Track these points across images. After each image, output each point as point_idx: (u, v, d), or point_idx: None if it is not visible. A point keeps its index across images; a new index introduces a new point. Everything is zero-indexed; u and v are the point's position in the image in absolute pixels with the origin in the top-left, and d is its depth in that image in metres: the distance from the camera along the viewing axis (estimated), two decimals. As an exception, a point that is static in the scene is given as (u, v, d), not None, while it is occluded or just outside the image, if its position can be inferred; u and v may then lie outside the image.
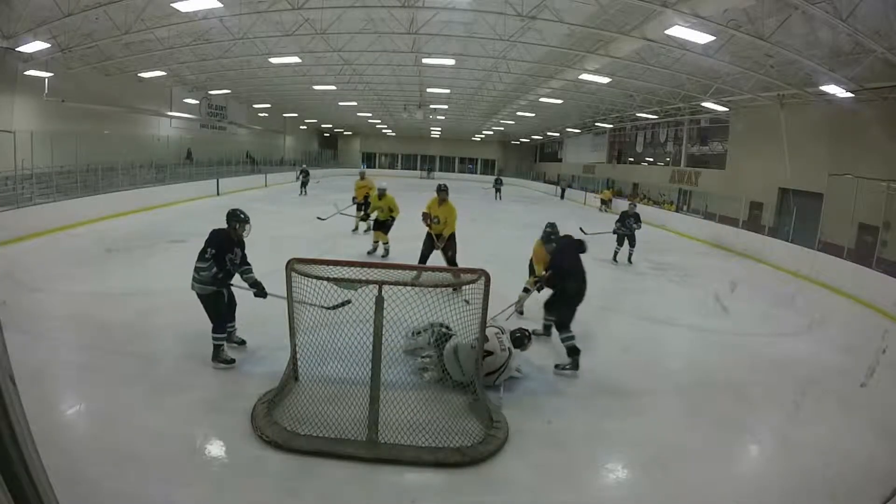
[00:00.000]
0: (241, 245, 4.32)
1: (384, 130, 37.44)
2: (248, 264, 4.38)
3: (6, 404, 0.90)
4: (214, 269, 4.09)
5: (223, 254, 4.12)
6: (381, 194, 8.62)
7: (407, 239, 7.99)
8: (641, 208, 12.15)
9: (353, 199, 10.76)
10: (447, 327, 3.97)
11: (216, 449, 3.18)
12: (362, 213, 10.27)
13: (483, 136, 37.66)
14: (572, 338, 4.44)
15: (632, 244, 9.71)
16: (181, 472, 2.86)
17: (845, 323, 7.19)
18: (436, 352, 4.05)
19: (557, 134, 32.03)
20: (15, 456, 0.92)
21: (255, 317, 5.30)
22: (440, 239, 6.76)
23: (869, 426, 3.87)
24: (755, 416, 4.02)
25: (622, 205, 14.17)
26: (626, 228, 9.59)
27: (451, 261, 6.78)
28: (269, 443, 3.11)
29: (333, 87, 19.80)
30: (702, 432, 3.67)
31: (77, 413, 3.48)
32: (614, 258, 9.76)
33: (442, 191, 6.87)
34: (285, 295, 3.57)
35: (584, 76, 14.35)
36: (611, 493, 3.05)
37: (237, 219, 4.23)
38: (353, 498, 2.78)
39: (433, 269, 3.45)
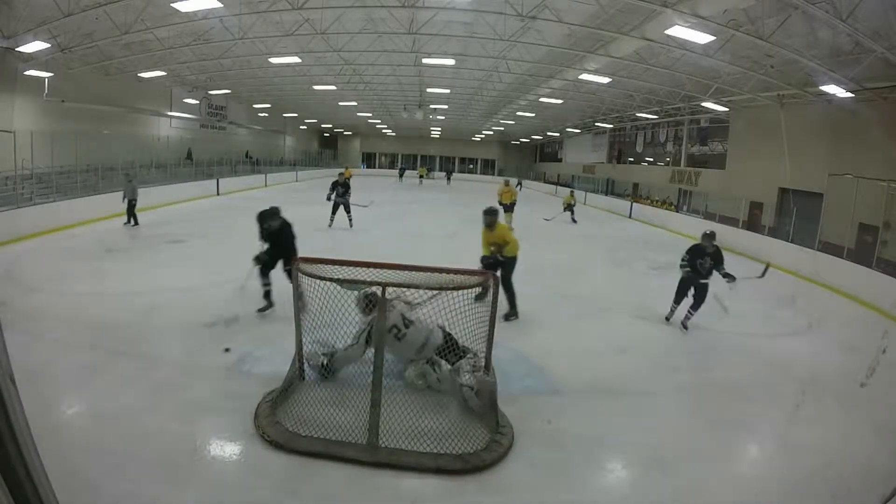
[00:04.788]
0: None
1: (384, 130, 37.44)
2: None
3: (6, 404, 0.90)
4: None
5: None
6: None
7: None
8: (641, 208, 11.86)
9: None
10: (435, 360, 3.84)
11: (216, 449, 3.17)
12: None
13: (483, 136, 37.65)
14: None
15: (698, 299, 5.81)
16: (181, 472, 2.86)
17: (845, 323, 7.18)
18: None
19: (557, 134, 32.02)
20: (15, 456, 0.92)
21: (253, 317, 5.32)
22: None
23: (869, 426, 3.87)
24: (755, 416, 4.02)
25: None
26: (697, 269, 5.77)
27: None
28: (271, 443, 3.11)
29: (333, 87, 19.80)
30: (702, 432, 3.67)
31: (77, 413, 3.48)
32: (669, 315, 6.08)
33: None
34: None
35: (584, 76, 14.34)
36: (611, 494, 3.05)
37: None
38: (354, 499, 2.78)
39: (439, 271, 3.42)
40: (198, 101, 21.63)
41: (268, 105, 25.47)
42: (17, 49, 11.25)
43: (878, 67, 9.39)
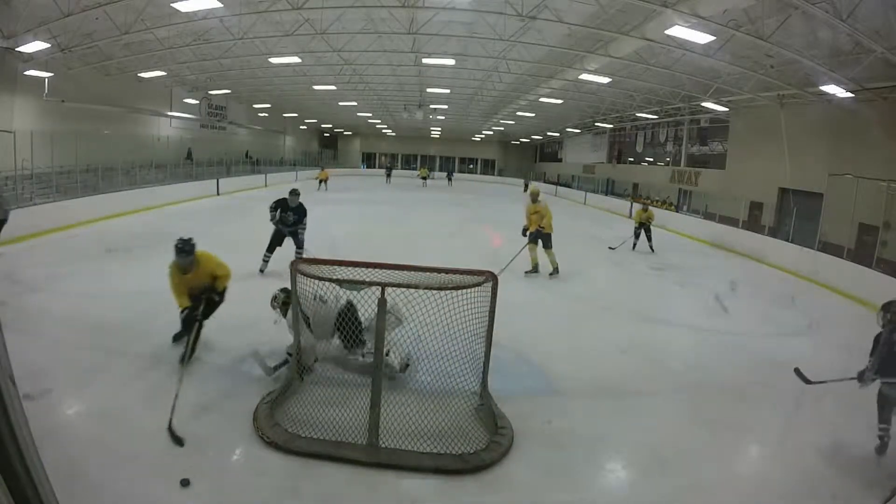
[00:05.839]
0: None
1: (384, 130, 37.43)
2: None
3: (6, 404, 0.90)
4: None
5: None
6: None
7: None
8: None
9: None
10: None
11: (216, 449, 3.17)
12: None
13: (483, 136, 37.65)
14: None
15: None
16: (181, 473, 2.86)
17: (845, 323, 7.17)
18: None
19: (557, 134, 32.01)
20: (15, 456, 0.92)
21: (252, 317, 5.31)
22: None
23: (868, 426, 3.86)
24: (755, 416, 4.02)
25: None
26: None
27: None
28: (270, 444, 3.11)
29: (333, 87, 19.80)
30: (702, 432, 3.67)
31: (77, 413, 3.48)
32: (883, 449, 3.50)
33: None
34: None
35: (584, 76, 14.35)
36: (611, 494, 3.05)
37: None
38: (354, 500, 2.78)
39: (438, 271, 3.42)
40: (198, 101, 21.64)
41: (268, 105, 25.47)
42: (17, 49, 11.23)
43: (878, 67, 9.39)
